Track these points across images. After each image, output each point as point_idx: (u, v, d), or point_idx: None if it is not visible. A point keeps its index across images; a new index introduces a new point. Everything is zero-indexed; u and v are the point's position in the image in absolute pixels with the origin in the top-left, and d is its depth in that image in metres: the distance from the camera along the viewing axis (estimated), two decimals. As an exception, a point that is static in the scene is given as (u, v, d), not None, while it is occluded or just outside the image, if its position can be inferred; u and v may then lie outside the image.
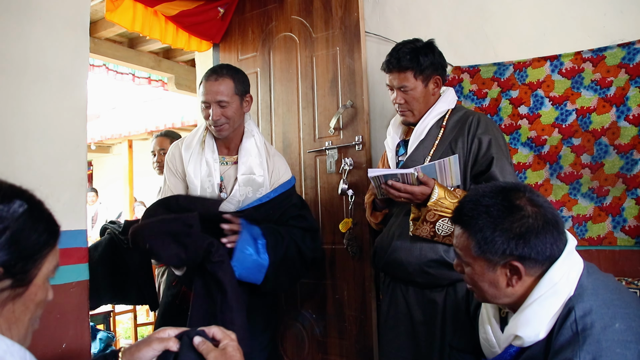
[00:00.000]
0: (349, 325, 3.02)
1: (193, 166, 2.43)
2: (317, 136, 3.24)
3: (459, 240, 1.46)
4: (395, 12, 3.16)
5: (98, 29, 4.65)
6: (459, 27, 2.93)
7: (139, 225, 2.16)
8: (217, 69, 2.41)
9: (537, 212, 1.37)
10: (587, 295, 1.33)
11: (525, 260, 1.35)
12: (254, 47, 3.59)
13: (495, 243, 1.35)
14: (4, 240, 0.96)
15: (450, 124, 2.27)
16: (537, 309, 1.35)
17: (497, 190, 1.43)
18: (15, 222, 0.99)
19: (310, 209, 3.24)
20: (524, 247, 1.34)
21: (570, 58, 2.57)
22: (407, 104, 2.31)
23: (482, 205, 1.40)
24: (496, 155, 2.11)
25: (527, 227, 1.35)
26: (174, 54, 5.79)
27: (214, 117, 2.35)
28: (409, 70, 2.25)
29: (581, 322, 1.28)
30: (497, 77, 2.76)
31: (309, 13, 3.29)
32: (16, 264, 0.98)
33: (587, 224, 2.50)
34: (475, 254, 1.39)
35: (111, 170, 11.95)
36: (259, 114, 3.54)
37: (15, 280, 0.99)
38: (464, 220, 1.43)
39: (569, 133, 2.56)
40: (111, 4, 3.08)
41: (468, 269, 1.45)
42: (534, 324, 1.34)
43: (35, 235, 1.03)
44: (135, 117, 9.58)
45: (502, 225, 1.35)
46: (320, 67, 3.23)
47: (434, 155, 2.22)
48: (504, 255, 1.36)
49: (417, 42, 2.31)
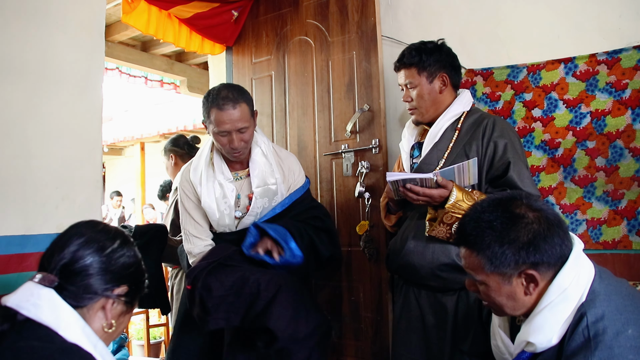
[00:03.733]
0: (365, 327, 3.02)
1: (206, 190, 2.38)
2: (333, 139, 3.25)
3: (468, 261, 1.44)
4: (408, 15, 3.16)
5: (111, 32, 4.69)
6: (472, 29, 2.93)
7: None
8: (228, 94, 2.28)
9: (539, 216, 1.36)
10: (599, 300, 1.32)
11: (538, 266, 1.35)
12: (268, 50, 3.60)
13: (507, 256, 1.34)
14: (132, 270, 1.43)
15: (465, 127, 2.25)
16: (548, 315, 1.34)
17: (495, 203, 1.42)
18: (137, 261, 1.47)
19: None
20: (535, 254, 1.34)
21: (585, 60, 2.56)
22: (413, 102, 2.32)
23: (483, 221, 1.39)
24: (513, 160, 2.09)
25: (534, 233, 1.34)
26: (186, 57, 5.83)
27: (236, 145, 2.28)
28: (413, 66, 2.28)
29: (593, 328, 1.27)
30: (510, 80, 2.76)
31: (325, 17, 3.30)
32: (133, 289, 1.44)
33: (602, 228, 2.49)
34: (488, 270, 1.38)
35: (123, 173, 12.02)
36: (273, 117, 3.55)
37: (129, 300, 1.42)
38: (469, 240, 1.41)
39: (584, 136, 2.55)
40: (127, 7, 3.10)
41: (482, 287, 1.43)
42: (546, 330, 1.33)
43: (143, 275, 1.50)
44: (148, 120, 9.65)
45: (508, 237, 1.35)
46: (336, 71, 3.24)
47: (448, 158, 2.21)
48: (517, 265, 1.35)
49: (428, 42, 2.33)
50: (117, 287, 1.38)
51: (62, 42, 2.26)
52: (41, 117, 2.17)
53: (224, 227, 2.43)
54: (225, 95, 2.27)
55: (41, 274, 1.31)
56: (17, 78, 2.09)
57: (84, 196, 2.30)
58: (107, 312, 1.36)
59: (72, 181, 2.26)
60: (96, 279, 1.33)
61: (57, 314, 1.25)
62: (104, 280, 1.35)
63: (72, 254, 1.33)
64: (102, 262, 1.35)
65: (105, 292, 1.35)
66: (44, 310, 1.25)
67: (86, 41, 2.36)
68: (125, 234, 1.48)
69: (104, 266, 1.35)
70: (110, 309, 1.36)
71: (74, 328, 1.26)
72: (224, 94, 2.28)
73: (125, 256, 1.42)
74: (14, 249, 1.98)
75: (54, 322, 1.24)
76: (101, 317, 1.36)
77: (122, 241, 1.43)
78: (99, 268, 1.34)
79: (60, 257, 1.33)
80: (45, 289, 1.28)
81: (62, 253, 1.33)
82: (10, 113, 2.06)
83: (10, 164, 2.04)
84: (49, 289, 1.28)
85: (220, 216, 2.39)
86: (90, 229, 1.41)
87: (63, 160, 2.23)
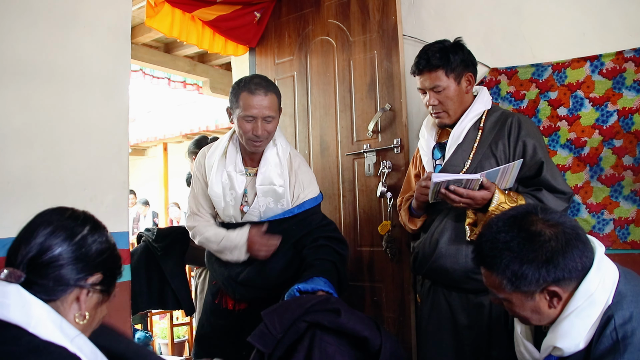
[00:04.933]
0: (388, 327, 3.01)
1: (214, 177, 2.39)
2: (355, 139, 3.25)
3: (489, 281, 1.43)
4: (431, 14, 3.15)
5: (135, 34, 4.75)
6: (496, 28, 2.90)
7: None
8: (261, 82, 2.30)
9: (557, 232, 1.34)
10: (626, 302, 1.31)
11: (560, 282, 1.33)
12: (291, 51, 3.62)
13: (527, 276, 1.33)
14: (105, 256, 1.32)
15: (488, 126, 2.23)
16: (575, 320, 1.33)
17: (510, 222, 1.40)
18: (110, 247, 1.35)
19: (348, 213, 3.26)
20: (555, 271, 1.32)
21: (612, 58, 2.53)
22: (441, 105, 2.24)
23: (500, 242, 1.37)
24: (545, 160, 2.07)
25: (552, 250, 1.32)
26: (208, 58, 5.87)
27: (259, 132, 2.27)
28: (439, 68, 2.19)
29: (621, 330, 1.27)
30: (535, 79, 2.73)
31: (346, 17, 3.30)
32: (108, 276, 1.33)
33: (630, 227, 2.46)
34: (509, 290, 1.37)
35: (146, 173, 12.14)
36: (296, 117, 3.57)
37: (104, 288, 1.32)
38: (487, 261, 1.40)
39: (610, 134, 2.52)
40: (151, 10, 3.14)
41: (506, 302, 1.42)
42: (573, 335, 1.32)
43: (118, 261, 1.39)
44: (170, 121, 9.73)
45: (527, 257, 1.33)
46: (357, 71, 3.24)
47: (474, 159, 2.18)
48: (539, 284, 1.33)
49: (445, 41, 2.26)
50: (91, 275, 1.27)
51: (90, 45, 2.30)
52: (69, 119, 2.20)
53: (229, 217, 2.41)
54: (258, 82, 2.29)
55: (7, 270, 1.21)
56: (46, 81, 2.13)
57: (111, 197, 2.33)
58: (82, 303, 1.26)
59: (100, 182, 2.29)
60: (67, 269, 1.23)
61: (26, 311, 1.16)
62: (76, 270, 1.24)
63: (39, 245, 1.23)
64: (73, 250, 1.25)
65: (78, 282, 1.25)
66: (12, 308, 1.16)
67: (113, 45, 2.40)
68: (95, 218, 1.37)
69: (75, 255, 1.25)
70: (85, 299, 1.27)
71: (46, 324, 1.17)
72: (256, 80, 2.31)
73: (98, 242, 1.31)
74: (44, 250, 2.01)
75: (24, 320, 1.15)
76: (75, 309, 1.26)
77: (92, 226, 1.33)
78: (70, 257, 1.24)
79: (27, 250, 1.23)
80: (12, 286, 1.18)
81: (28, 246, 1.23)
82: (39, 116, 2.10)
83: (40, 166, 2.08)
84: (16, 285, 1.19)
85: (226, 206, 2.38)
86: (58, 216, 1.31)
87: (91, 162, 2.27)
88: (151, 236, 2.89)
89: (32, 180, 2.05)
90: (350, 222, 3.25)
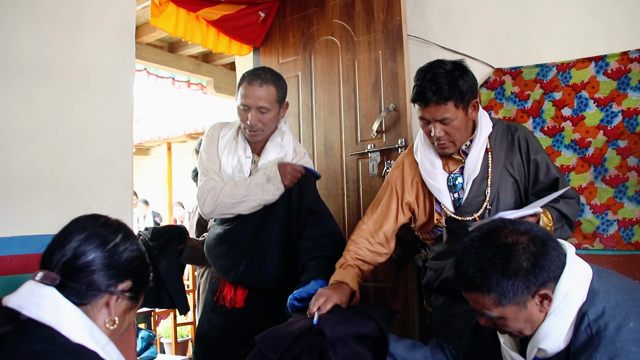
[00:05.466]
0: (392, 328, 3.00)
1: (226, 157, 2.42)
2: (360, 139, 3.25)
3: (479, 303, 1.43)
4: (435, 14, 3.14)
5: (139, 34, 4.75)
6: (500, 28, 2.90)
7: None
8: (260, 73, 2.33)
9: (530, 237, 1.38)
10: (598, 298, 1.34)
11: (547, 283, 1.36)
12: (295, 50, 3.62)
13: (518, 287, 1.34)
14: (135, 264, 1.37)
15: (495, 145, 2.12)
16: (554, 321, 1.36)
17: (485, 241, 1.41)
18: (141, 255, 1.42)
19: (352, 213, 3.25)
20: (542, 274, 1.35)
21: (617, 58, 2.52)
22: (447, 136, 2.05)
23: (483, 261, 1.38)
24: (558, 174, 2.05)
25: (533, 254, 1.35)
26: (213, 58, 5.87)
27: (252, 122, 2.30)
28: (450, 100, 1.97)
29: (595, 325, 1.30)
30: (539, 79, 2.73)
31: (351, 17, 3.31)
32: (138, 283, 1.39)
33: (634, 228, 2.45)
34: (504, 305, 1.37)
35: (150, 172, 12.16)
36: (300, 117, 3.57)
37: (133, 295, 1.38)
38: (476, 283, 1.40)
39: (615, 135, 2.51)
40: (156, 10, 3.15)
41: (499, 320, 1.43)
42: (554, 335, 1.35)
43: (147, 270, 1.45)
44: (174, 120, 9.74)
45: (513, 268, 1.34)
46: (362, 71, 3.24)
47: (493, 184, 2.07)
48: (530, 290, 1.35)
49: (446, 64, 2.03)
50: (121, 282, 1.33)
51: (94, 45, 2.30)
52: (74, 118, 2.20)
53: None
54: (258, 73, 2.33)
55: (42, 272, 1.27)
56: (50, 81, 2.13)
57: (115, 196, 2.33)
58: (111, 308, 1.32)
59: (104, 182, 2.29)
60: (99, 274, 1.29)
61: (59, 313, 1.22)
62: (108, 276, 1.30)
63: (73, 250, 1.29)
64: (105, 257, 1.31)
65: (109, 288, 1.30)
66: (46, 310, 1.21)
67: (117, 44, 2.39)
68: (127, 227, 1.43)
69: (107, 261, 1.30)
70: (114, 305, 1.32)
71: (77, 327, 1.22)
72: (258, 72, 2.35)
73: (129, 250, 1.36)
74: (48, 248, 2.02)
75: (57, 322, 1.20)
76: (105, 314, 1.32)
77: (124, 234, 1.38)
78: (102, 263, 1.30)
79: (62, 254, 1.28)
80: (47, 288, 1.24)
81: (63, 250, 1.29)
82: (43, 115, 2.10)
83: (44, 165, 2.09)
84: (50, 287, 1.24)
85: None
86: (92, 223, 1.37)
87: (95, 161, 2.27)
88: (147, 235, 2.89)
89: (36, 180, 2.05)
90: (354, 222, 3.24)
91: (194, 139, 8.68)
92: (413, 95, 2.06)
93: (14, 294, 1.26)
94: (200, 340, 2.55)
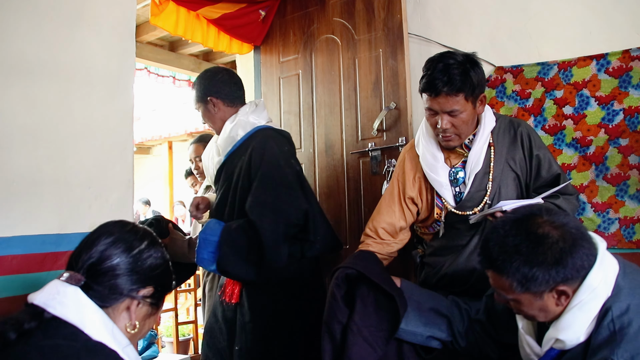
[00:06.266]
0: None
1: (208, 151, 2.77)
2: (360, 137, 3.25)
3: (497, 283, 1.44)
4: (436, 12, 3.14)
5: (140, 32, 4.75)
6: (502, 26, 2.89)
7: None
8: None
9: (563, 233, 1.36)
10: (623, 294, 1.35)
11: (568, 281, 1.35)
12: (295, 49, 3.62)
13: (537, 278, 1.34)
14: (159, 271, 1.42)
15: (497, 140, 2.12)
16: (577, 313, 1.36)
17: (517, 225, 1.41)
18: (165, 262, 1.45)
19: (353, 211, 3.25)
20: (564, 272, 1.34)
21: (618, 57, 2.52)
22: (454, 128, 2.04)
23: (509, 246, 1.39)
24: (559, 171, 2.05)
25: (560, 251, 1.34)
26: (213, 57, 5.87)
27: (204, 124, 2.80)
28: (461, 92, 1.95)
29: (618, 322, 1.30)
30: (541, 77, 2.72)
31: (351, 15, 3.30)
32: (159, 290, 1.42)
33: (635, 227, 2.45)
34: (519, 291, 1.38)
35: (151, 171, 12.16)
36: (300, 116, 3.57)
37: (154, 301, 1.42)
38: (497, 265, 1.41)
39: (616, 133, 2.51)
40: (156, 9, 3.14)
41: (513, 302, 1.44)
42: (575, 327, 1.35)
43: (170, 277, 1.49)
44: (175, 119, 9.73)
45: (536, 260, 1.34)
46: (362, 69, 3.24)
47: (494, 179, 2.07)
48: (548, 284, 1.35)
49: (457, 55, 2.00)
50: (143, 288, 1.37)
51: (95, 44, 2.29)
52: (74, 118, 2.20)
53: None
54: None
55: (68, 273, 1.32)
56: (50, 79, 2.12)
57: (116, 195, 2.33)
58: (132, 313, 1.36)
59: (105, 181, 2.29)
60: (123, 279, 1.33)
61: (82, 312, 1.26)
62: (131, 281, 1.34)
63: (100, 253, 1.34)
64: (130, 262, 1.35)
65: (131, 292, 1.35)
66: (70, 308, 1.25)
67: (117, 43, 2.39)
68: (153, 235, 1.47)
69: (131, 267, 1.35)
70: (134, 310, 1.36)
71: (99, 326, 1.26)
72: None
73: (153, 257, 1.41)
74: (48, 248, 2.01)
75: (80, 320, 1.24)
76: (125, 318, 1.35)
77: (150, 242, 1.43)
78: (126, 268, 1.34)
79: (88, 256, 1.33)
80: (71, 287, 1.29)
81: (90, 252, 1.34)
82: (44, 114, 2.10)
83: (44, 165, 2.08)
84: (75, 287, 1.29)
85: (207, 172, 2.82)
86: (119, 229, 1.41)
87: (95, 160, 2.26)
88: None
89: (36, 179, 2.04)
90: (355, 220, 3.25)
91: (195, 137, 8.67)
92: (422, 85, 2.02)
93: (39, 292, 1.30)
94: (204, 335, 2.60)
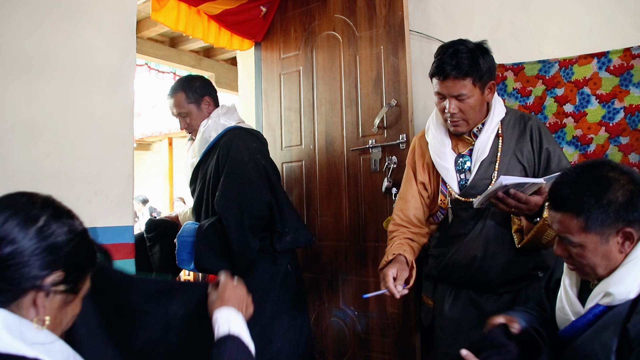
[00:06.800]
0: (392, 323, 3.02)
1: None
2: (361, 134, 3.25)
3: (565, 225, 1.45)
4: (438, 9, 3.13)
5: (140, 28, 4.74)
6: (503, 24, 2.89)
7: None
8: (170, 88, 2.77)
9: (631, 178, 1.40)
10: None
11: (634, 224, 1.38)
12: (296, 45, 3.61)
13: (608, 217, 1.37)
14: (69, 248, 1.09)
15: (506, 131, 2.12)
16: (632, 267, 1.37)
17: (588, 168, 1.45)
18: (77, 236, 1.13)
19: (353, 208, 3.25)
20: (633, 212, 1.36)
21: (619, 55, 2.51)
22: (461, 113, 2.05)
23: (580, 185, 1.42)
24: (569, 165, 2.02)
25: (630, 192, 1.37)
26: (214, 53, 5.86)
27: (180, 127, 2.81)
28: (468, 76, 1.98)
29: None
30: (541, 75, 2.72)
31: (353, 12, 3.30)
32: (73, 272, 1.11)
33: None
34: (587, 231, 1.40)
35: (151, 167, 12.16)
36: (301, 112, 3.57)
37: (69, 287, 1.11)
38: (569, 203, 1.43)
39: (617, 132, 2.50)
40: (157, 4, 3.13)
41: (577, 249, 1.44)
42: (628, 281, 1.36)
43: (87, 253, 1.17)
44: (175, 116, 9.70)
45: (607, 198, 1.37)
46: (364, 66, 3.24)
47: (501, 168, 2.07)
48: (616, 224, 1.37)
49: (468, 43, 2.04)
50: (49, 274, 1.05)
51: (95, 39, 2.29)
52: (74, 113, 2.20)
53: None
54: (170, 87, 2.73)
55: None
56: (51, 75, 2.13)
57: (116, 191, 2.33)
58: (39, 307, 1.05)
59: (105, 176, 2.29)
60: (20, 267, 1.02)
61: None
62: (33, 268, 1.03)
63: None
64: (30, 244, 1.04)
65: (34, 282, 1.04)
66: None
67: (118, 39, 2.39)
68: (56, 204, 1.15)
69: (31, 249, 1.03)
70: (42, 303, 1.05)
71: (1, 335, 0.98)
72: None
73: (58, 232, 1.08)
74: (48, 243, 2.02)
75: None
76: (33, 314, 1.05)
77: (52, 213, 1.11)
78: (25, 252, 1.03)
79: None
80: None
81: None
82: (44, 109, 2.10)
83: (45, 160, 2.08)
84: None
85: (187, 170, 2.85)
86: (11, 201, 1.14)
87: (95, 156, 2.27)
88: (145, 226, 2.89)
89: (36, 174, 2.05)
90: (355, 217, 3.25)
91: (195, 134, 8.65)
92: (432, 69, 2.06)
93: None
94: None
